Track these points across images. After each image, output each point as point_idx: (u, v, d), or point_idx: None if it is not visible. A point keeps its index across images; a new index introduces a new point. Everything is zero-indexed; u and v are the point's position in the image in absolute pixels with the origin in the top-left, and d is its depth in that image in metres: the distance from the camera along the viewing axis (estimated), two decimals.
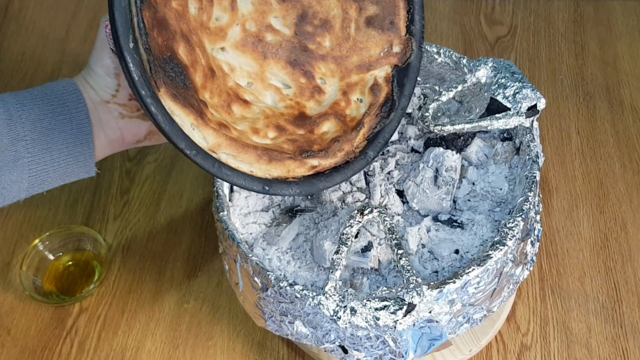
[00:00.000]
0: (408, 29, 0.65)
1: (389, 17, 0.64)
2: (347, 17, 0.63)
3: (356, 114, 0.63)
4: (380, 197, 0.70)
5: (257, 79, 0.62)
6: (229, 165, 0.56)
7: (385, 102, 0.63)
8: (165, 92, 0.53)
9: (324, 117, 0.61)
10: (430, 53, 0.75)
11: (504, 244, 0.60)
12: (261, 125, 0.60)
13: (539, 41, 1.06)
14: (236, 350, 0.79)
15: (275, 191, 0.58)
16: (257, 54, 0.62)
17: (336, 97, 0.63)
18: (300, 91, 0.62)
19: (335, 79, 0.64)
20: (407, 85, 0.65)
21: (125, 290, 0.84)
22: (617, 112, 0.97)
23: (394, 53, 0.64)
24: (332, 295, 0.58)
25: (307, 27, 0.63)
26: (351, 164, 0.62)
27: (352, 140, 0.61)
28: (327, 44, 0.63)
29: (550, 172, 0.91)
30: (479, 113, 0.71)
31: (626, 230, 0.85)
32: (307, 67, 0.63)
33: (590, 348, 0.76)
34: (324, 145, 0.60)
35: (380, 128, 0.63)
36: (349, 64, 0.64)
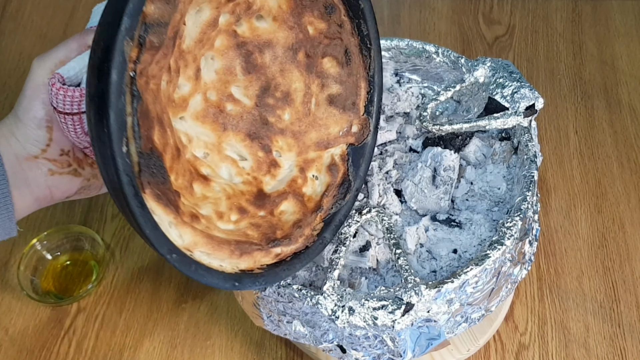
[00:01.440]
0: (366, 109, 0.64)
1: (351, 97, 0.63)
2: (309, 92, 0.62)
3: (312, 192, 0.62)
4: (378, 197, 0.70)
5: (213, 150, 0.59)
6: (202, 263, 0.52)
7: (342, 183, 0.62)
8: (150, 193, 0.49)
9: (282, 197, 0.60)
10: (428, 52, 0.75)
11: (502, 243, 0.60)
12: (224, 208, 0.57)
13: (537, 41, 1.06)
14: (234, 350, 0.79)
15: (244, 287, 0.55)
16: (217, 125, 0.59)
17: (293, 173, 0.62)
18: (257, 165, 0.60)
19: (292, 154, 0.62)
20: (362, 165, 0.64)
21: (124, 290, 0.84)
22: (615, 111, 0.97)
23: (352, 132, 0.64)
24: (330, 294, 0.58)
25: (268, 99, 0.61)
26: (310, 249, 0.60)
27: (311, 224, 0.60)
28: (287, 117, 0.62)
29: (548, 172, 0.91)
30: (477, 113, 0.71)
31: (624, 229, 0.85)
32: (266, 140, 0.61)
33: (588, 347, 0.76)
34: (286, 231, 0.58)
35: (337, 209, 0.62)
36: (307, 139, 0.62)
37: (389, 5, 1.13)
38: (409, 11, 1.12)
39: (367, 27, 0.62)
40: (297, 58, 0.61)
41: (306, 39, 0.61)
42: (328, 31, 0.61)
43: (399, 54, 0.77)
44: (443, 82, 0.77)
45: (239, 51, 0.59)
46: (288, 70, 0.61)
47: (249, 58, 0.59)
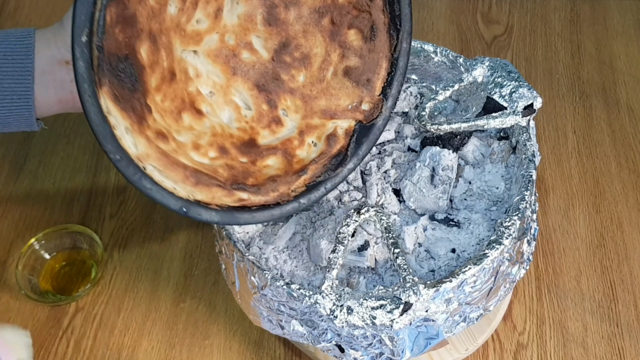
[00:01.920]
0: (384, 90, 0.64)
1: (367, 73, 0.63)
2: (328, 60, 0.62)
3: (305, 156, 0.61)
4: (377, 196, 0.70)
5: (220, 91, 0.60)
6: (152, 178, 0.54)
7: (337, 155, 0.62)
8: (107, 92, 0.52)
9: (272, 151, 0.60)
10: (427, 52, 0.75)
11: (501, 243, 0.60)
12: (204, 143, 0.58)
13: (535, 40, 1.06)
14: (233, 350, 0.79)
15: (193, 214, 0.56)
16: (227, 68, 0.60)
17: (292, 134, 0.62)
18: (258, 116, 0.61)
19: (298, 116, 0.62)
20: (364, 145, 0.63)
21: (122, 290, 0.84)
22: (613, 111, 0.97)
23: (361, 109, 0.63)
24: (328, 294, 0.58)
25: (286, 57, 0.62)
26: (282, 206, 0.59)
27: (290, 183, 0.60)
28: (301, 79, 0.62)
29: (547, 171, 0.91)
30: (476, 112, 0.71)
31: (622, 229, 0.85)
32: (274, 95, 0.61)
33: (587, 347, 0.76)
34: (259, 181, 0.59)
35: (324, 179, 0.61)
36: (315, 105, 0.62)
37: None
38: None
39: (399, 7, 0.63)
40: (322, 22, 0.62)
41: (334, 5, 0.61)
42: (357, 2, 0.62)
43: None
44: (441, 81, 0.77)
45: (264, 1, 0.60)
46: (311, 33, 0.62)
47: (272, 10, 0.60)
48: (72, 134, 0.99)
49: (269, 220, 0.59)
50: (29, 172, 0.96)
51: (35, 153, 0.98)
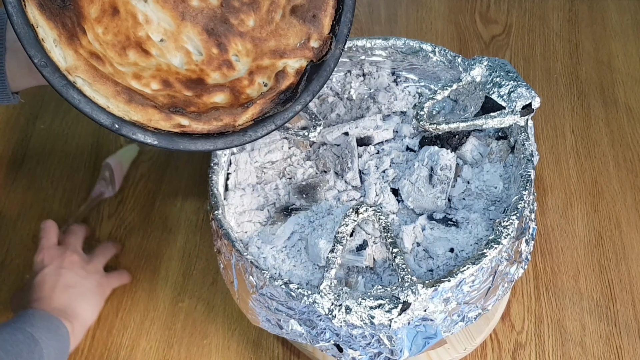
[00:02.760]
0: (332, 28, 0.64)
1: (313, 9, 0.63)
2: (276, 2, 0.63)
3: (255, 95, 0.61)
4: (375, 196, 0.70)
5: (171, 38, 0.61)
6: (83, 92, 0.54)
7: (286, 91, 0.61)
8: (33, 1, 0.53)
9: (219, 88, 0.60)
10: (425, 52, 0.75)
11: (499, 242, 0.60)
12: (147, 75, 0.59)
13: (533, 40, 1.06)
14: (231, 349, 0.79)
15: (126, 132, 0.55)
16: (176, 13, 0.61)
17: (242, 74, 0.62)
18: (208, 60, 0.61)
19: (249, 59, 0.62)
20: (314, 81, 0.63)
21: (120, 289, 0.84)
22: (612, 110, 0.97)
23: (310, 47, 0.63)
24: (327, 293, 0.58)
25: (234, 2, 0.62)
26: (226, 135, 0.59)
27: (235, 115, 0.59)
28: (251, 23, 0.63)
29: (545, 171, 0.91)
30: (474, 112, 0.71)
31: (620, 228, 0.85)
32: (223, 39, 0.62)
33: (585, 346, 0.76)
34: (201, 110, 0.58)
35: (273, 114, 0.61)
36: (265, 47, 0.63)
37: (386, 5, 1.13)
38: (406, 10, 1.12)
39: None
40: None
41: None
42: None
43: (396, 53, 0.77)
44: (440, 81, 0.77)
45: None
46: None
47: None
48: (70, 134, 0.99)
49: (212, 149, 0.59)
50: (27, 171, 0.96)
51: (33, 153, 0.97)
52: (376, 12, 1.12)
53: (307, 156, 0.76)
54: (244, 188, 0.73)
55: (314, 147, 0.76)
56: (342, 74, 0.81)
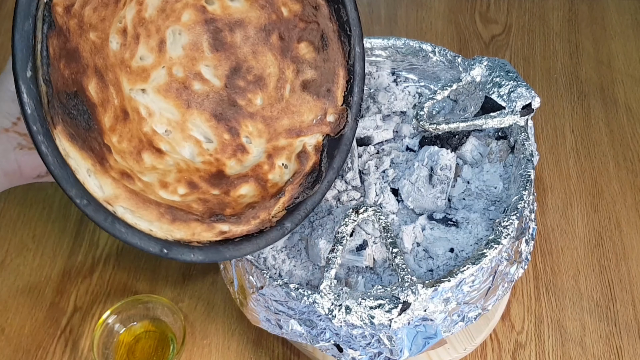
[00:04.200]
0: (345, 99, 0.62)
1: (326, 84, 0.61)
2: (283, 78, 0.60)
3: (279, 180, 0.59)
4: (375, 196, 0.70)
5: (177, 128, 0.58)
6: (125, 221, 0.50)
7: (312, 172, 0.60)
8: (62, 131, 0.48)
9: (243, 179, 0.57)
10: (425, 52, 0.75)
11: (499, 242, 0.60)
12: (171, 180, 0.55)
13: (533, 40, 1.06)
14: (231, 349, 0.79)
15: (175, 255, 0.52)
16: (180, 102, 0.58)
17: (260, 159, 0.59)
18: (222, 147, 0.59)
19: (262, 140, 0.60)
20: (337, 157, 0.61)
21: (120, 289, 0.84)
22: (612, 111, 0.97)
23: (327, 122, 0.61)
24: (327, 293, 0.58)
25: (239, 82, 0.60)
26: (265, 233, 0.56)
27: (269, 208, 0.57)
28: (259, 102, 0.60)
29: (545, 171, 0.91)
30: (474, 112, 0.71)
31: (620, 228, 0.85)
32: (234, 123, 0.59)
33: (585, 346, 0.76)
34: (237, 210, 0.55)
35: (303, 199, 0.59)
36: (279, 126, 0.60)
37: (386, 5, 1.13)
38: (405, 10, 1.12)
39: (346, 12, 0.60)
40: (270, 40, 0.60)
41: (280, 20, 0.60)
42: (303, 13, 0.60)
43: (395, 53, 0.77)
44: (440, 81, 0.77)
45: (207, 27, 0.58)
46: (261, 53, 0.60)
47: (217, 35, 0.58)
48: None
49: (255, 250, 0.57)
50: None
51: None
52: (376, 12, 1.12)
53: None
54: None
55: None
56: None
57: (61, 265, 0.87)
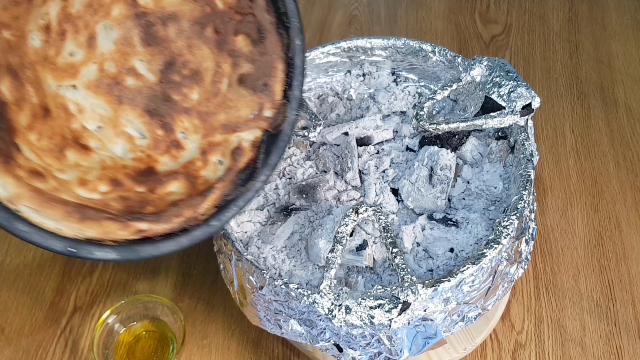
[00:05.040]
0: (285, 94, 0.60)
1: (263, 77, 0.59)
2: (220, 72, 0.58)
3: (212, 177, 0.57)
4: (375, 196, 0.70)
5: (109, 124, 0.56)
6: (30, 220, 0.49)
7: (245, 169, 0.58)
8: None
9: (173, 176, 0.56)
10: (425, 52, 0.75)
11: (499, 242, 0.60)
12: (93, 177, 0.53)
13: (533, 40, 1.06)
14: (231, 349, 0.79)
15: (84, 254, 0.50)
16: (111, 98, 0.56)
17: (194, 155, 0.58)
18: (154, 144, 0.57)
19: (198, 136, 0.58)
20: (273, 153, 0.59)
21: (120, 289, 0.84)
22: (612, 110, 0.97)
23: (264, 117, 0.59)
24: (327, 293, 0.58)
25: (174, 76, 0.58)
26: (189, 232, 0.55)
27: (195, 206, 0.55)
28: (195, 96, 0.58)
29: (545, 171, 0.91)
30: (474, 112, 0.71)
31: (620, 228, 0.85)
32: (167, 118, 0.57)
33: (585, 346, 0.76)
34: (160, 208, 0.54)
35: (235, 196, 0.56)
36: (215, 121, 0.58)
37: (386, 5, 1.13)
38: (405, 10, 1.12)
39: (284, 4, 0.59)
40: (205, 33, 0.58)
41: (214, 13, 0.58)
42: (238, 5, 0.58)
43: (395, 53, 0.77)
44: (440, 81, 0.77)
45: (138, 21, 0.56)
46: (197, 47, 0.58)
47: (149, 29, 0.57)
48: None
49: (177, 249, 0.55)
50: None
51: None
52: (376, 12, 1.12)
53: (307, 156, 0.76)
54: None
55: (314, 147, 0.76)
56: (342, 74, 0.81)
57: (61, 265, 0.87)
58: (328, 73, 0.81)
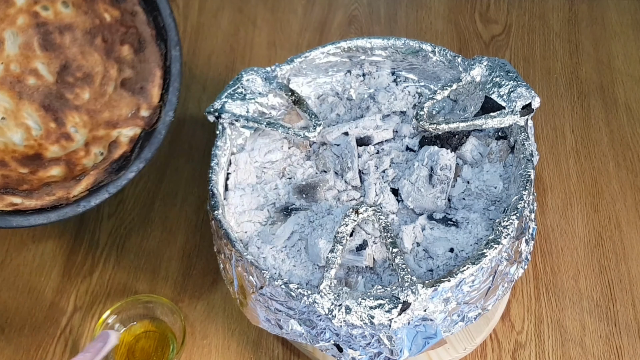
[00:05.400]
0: (162, 97, 0.69)
1: (141, 82, 0.68)
2: (108, 76, 0.68)
3: (90, 165, 0.66)
4: (375, 196, 0.70)
5: (11, 116, 0.65)
6: None
7: (119, 159, 0.67)
8: None
9: (55, 162, 0.65)
10: (425, 52, 0.75)
11: (499, 242, 0.60)
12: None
13: (533, 40, 1.06)
14: (231, 349, 0.79)
15: None
16: (13, 93, 0.65)
17: (79, 146, 0.67)
18: (47, 134, 0.66)
19: (86, 130, 0.67)
20: (146, 149, 0.67)
21: (120, 289, 0.84)
22: (612, 110, 0.97)
23: (141, 116, 0.68)
24: (327, 293, 0.58)
25: (68, 78, 0.67)
26: (59, 208, 0.63)
27: (69, 188, 0.64)
28: (86, 96, 0.68)
29: (545, 171, 0.91)
30: (474, 112, 0.71)
31: (620, 228, 0.85)
32: (60, 113, 0.66)
33: (585, 346, 0.76)
34: (34, 187, 0.62)
35: (106, 183, 0.66)
36: (100, 118, 0.67)
37: (385, 4, 1.13)
38: (405, 10, 1.12)
39: (162, 19, 0.68)
40: (95, 42, 0.68)
41: (103, 25, 0.68)
42: (122, 19, 0.68)
43: (395, 53, 0.77)
44: (440, 81, 0.77)
45: (38, 29, 0.66)
46: (89, 53, 0.68)
47: (47, 37, 0.66)
48: None
49: (46, 223, 0.63)
50: None
51: None
52: (376, 12, 1.12)
53: (307, 156, 0.76)
54: (244, 188, 0.73)
55: (314, 147, 0.76)
56: (342, 74, 0.81)
57: (61, 265, 0.87)
58: (328, 73, 0.81)
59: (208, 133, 0.98)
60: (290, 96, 0.75)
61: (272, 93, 0.75)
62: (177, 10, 1.14)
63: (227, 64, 1.07)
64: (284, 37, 1.10)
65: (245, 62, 1.07)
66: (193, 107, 1.01)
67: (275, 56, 1.07)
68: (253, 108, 0.74)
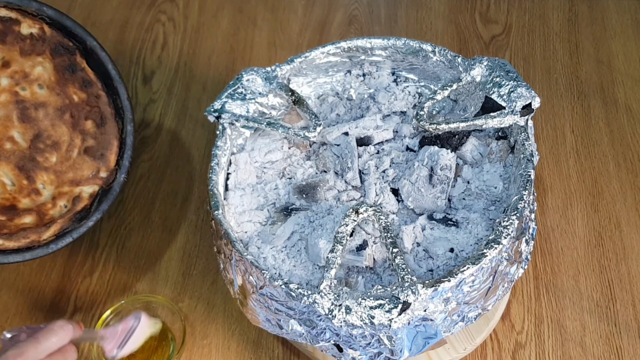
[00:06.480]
0: (118, 162, 0.83)
1: (101, 150, 0.83)
2: (73, 144, 0.82)
3: (57, 215, 0.79)
4: (375, 196, 0.70)
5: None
6: None
7: (81, 211, 0.80)
8: None
9: (28, 212, 0.78)
10: (425, 52, 0.75)
11: (499, 242, 0.60)
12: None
13: (533, 40, 1.06)
14: (231, 349, 0.79)
15: None
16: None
17: (47, 199, 0.80)
18: (19, 189, 0.78)
19: (52, 187, 0.80)
20: (104, 202, 0.81)
21: (120, 289, 0.84)
22: (612, 111, 0.97)
23: (100, 177, 0.82)
24: (327, 293, 0.58)
25: (40, 145, 0.80)
26: (33, 249, 0.77)
27: (40, 233, 0.77)
28: (54, 160, 0.81)
29: (545, 171, 0.91)
30: (474, 112, 0.71)
31: (620, 228, 0.85)
32: (31, 173, 0.79)
33: (585, 346, 0.76)
34: (12, 231, 0.76)
35: (70, 230, 0.79)
36: (65, 178, 0.81)
37: (386, 4, 1.13)
38: (406, 10, 1.12)
39: (121, 102, 0.84)
40: (64, 117, 0.82)
41: (71, 104, 0.82)
42: (88, 100, 0.83)
43: (396, 53, 0.77)
44: (440, 81, 0.77)
45: (17, 105, 0.79)
46: (58, 125, 0.81)
47: (24, 111, 0.80)
48: None
49: (21, 260, 0.76)
50: None
51: None
52: (376, 12, 1.12)
53: (307, 156, 0.76)
54: (244, 188, 0.73)
55: (314, 147, 0.76)
56: (342, 74, 0.81)
57: (61, 266, 0.87)
58: (328, 73, 0.81)
59: (208, 133, 0.98)
60: (290, 96, 0.75)
61: (272, 93, 0.75)
62: (177, 11, 1.14)
63: (227, 64, 1.07)
64: (284, 37, 1.10)
65: (245, 62, 1.07)
66: (193, 107, 1.01)
67: (275, 56, 1.08)
68: (253, 108, 0.74)
